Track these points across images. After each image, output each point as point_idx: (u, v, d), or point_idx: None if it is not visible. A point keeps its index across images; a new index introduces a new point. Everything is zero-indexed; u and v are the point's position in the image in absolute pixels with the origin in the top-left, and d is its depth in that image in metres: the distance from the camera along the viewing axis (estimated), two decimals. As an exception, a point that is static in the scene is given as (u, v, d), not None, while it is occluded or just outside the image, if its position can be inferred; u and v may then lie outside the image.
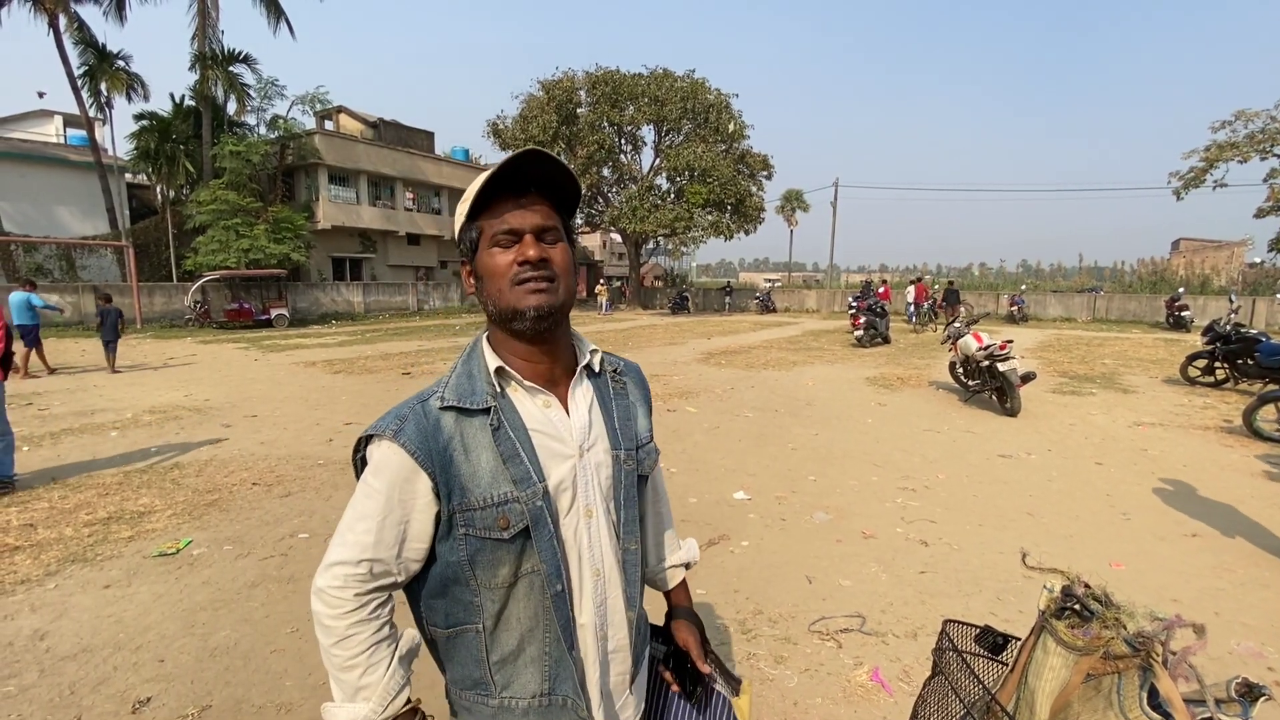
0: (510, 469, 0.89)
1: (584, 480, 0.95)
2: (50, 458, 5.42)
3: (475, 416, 0.91)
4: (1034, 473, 5.09)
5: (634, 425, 1.05)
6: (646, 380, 1.16)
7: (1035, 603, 3.02)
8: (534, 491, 0.90)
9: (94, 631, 2.79)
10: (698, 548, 1.26)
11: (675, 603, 1.21)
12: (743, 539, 3.79)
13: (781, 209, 50.51)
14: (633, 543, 1.02)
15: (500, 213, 0.91)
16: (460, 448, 0.90)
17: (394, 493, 0.88)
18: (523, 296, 0.90)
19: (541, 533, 0.90)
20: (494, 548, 0.90)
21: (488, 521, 0.89)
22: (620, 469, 1.00)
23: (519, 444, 0.91)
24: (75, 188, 21.59)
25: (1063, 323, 23.02)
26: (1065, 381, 9.42)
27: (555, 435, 0.95)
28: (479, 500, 0.89)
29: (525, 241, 0.90)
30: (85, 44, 20.70)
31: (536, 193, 0.92)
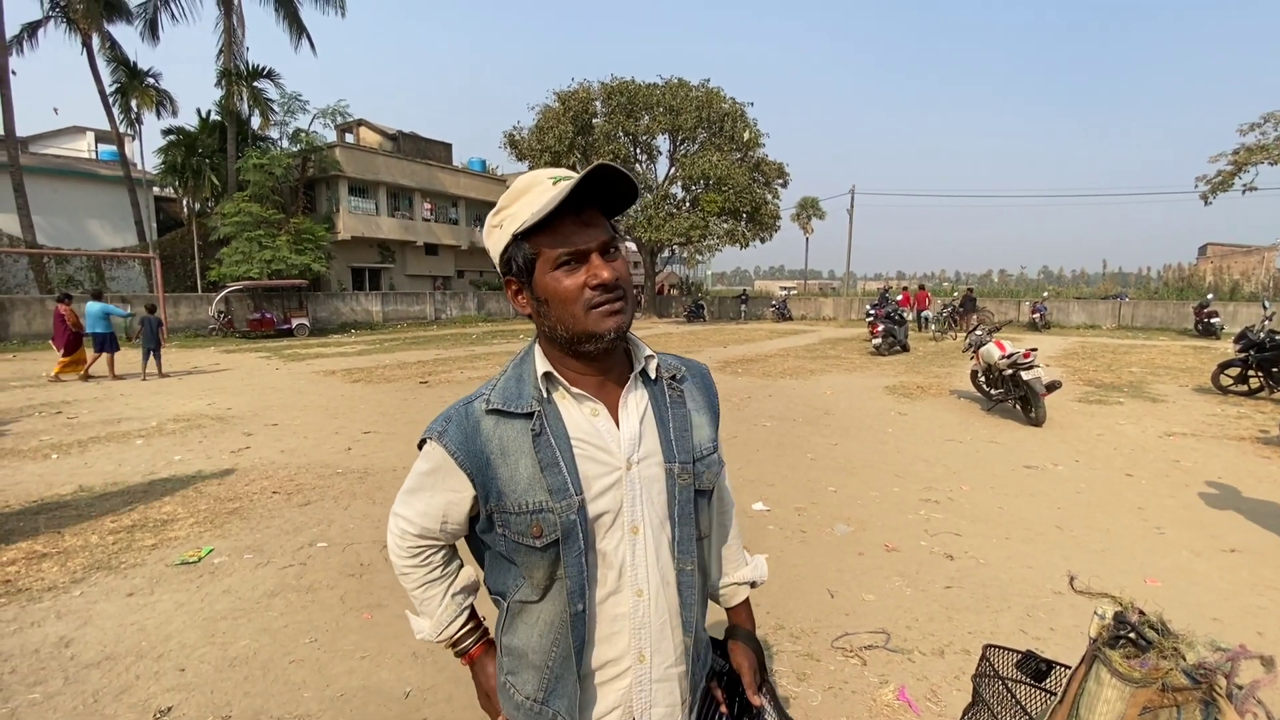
0: (547, 478, 0.88)
1: (631, 495, 0.91)
2: (78, 466, 5.51)
3: (518, 420, 0.90)
4: (1062, 484, 4.96)
5: (690, 436, 0.98)
6: (713, 383, 1.10)
7: (1067, 620, 2.93)
8: (569, 504, 0.87)
9: (117, 639, 2.81)
10: (766, 566, 1.19)
11: (735, 622, 1.16)
12: (762, 551, 3.72)
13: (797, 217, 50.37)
14: (688, 563, 0.96)
15: (561, 232, 0.85)
16: (499, 451, 0.90)
17: (436, 484, 0.94)
18: (600, 321, 0.87)
19: (571, 548, 0.88)
20: (527, 553, 0.90)
21: (521, 527, 0.89)
22: (674, 483, 0.94)
23: (559, 452, 0.89)
24: (106, 201, 22.15)
25: (1086, 330, 22.59)
26: (1091, 390, 9.22)
27: (601, 445, 0.91)
28: (515, 505, 0.89)
29: (594, 263, 0.86)
30: (118, 62, 21.32)
31: (594, 205, 0.88)
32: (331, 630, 2.91)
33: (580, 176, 0.81)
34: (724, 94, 27.43)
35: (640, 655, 0.93)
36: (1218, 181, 21.91)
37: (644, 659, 0.93)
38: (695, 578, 0.97)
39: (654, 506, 0.93)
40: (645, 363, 0.98)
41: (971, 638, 2.77)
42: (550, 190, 0.84)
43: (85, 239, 21.58)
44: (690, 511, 0.96)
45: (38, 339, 16.65)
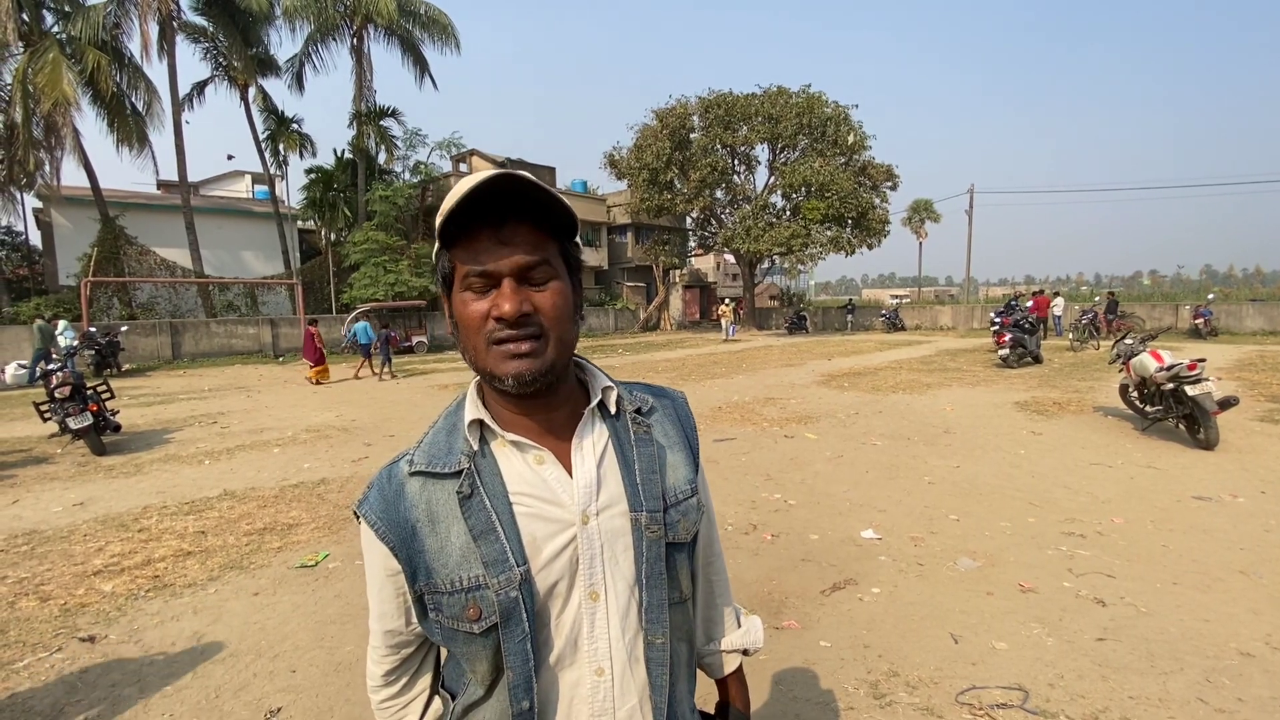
0: (482, 547, 0.73)
1: (588, 554, 0.76)
2: (225, 471, 6.12)
3: (447, 481, 0.76)
4: (1244, 520, 4.18)
5: (660, 478, 0.81)
6: (690, 413, 0.93)
7: (1261, 689, 2.40)
8: (509, 578, 0.72)
9: (241, 637, 3.01)
10: (761, 630, 0.99)
11: (724, 698, 0.98)
12: (873, 585, 3.40)
13: (909, 221, 47.69)
14: (659, 635, 0.79)
15: (473, 247, 0.72)
16: (427, 519, 0.75)
17: (375, 567, 0.80)
18: (500, 362, 0.73)
19: (513, 632, 0.73)
20: (467, 640, 0.75)
21: (455, 610, 0.74)
22: (642, 537, 0.78)
23: (496, 515, 0.74)
24: (258, 235, 25.05)
25: (1265, 337, 19.45)
26: (1277, 408, 7.83)
27: (549, 499, 0.76)
28: (446, 583, 0.74)
29: (503, 291, 0.71)
30: (269, 112, 24.12)
31: (522, 220, 0.72)
32: (428, 642, 2.95)
33: (473, 185, 0.68)
34: (826, 98, 26.57)
35: None
36: None
37: None
38: (668, 653, 0.79)
39: (618, 566, 0.77)
40: (603, 394, 0.82)
41: (1134, 704, 2.33)
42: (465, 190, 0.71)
43: (242, 268, 24.49)
44: (661, 570, 0.79)
45: (204, 357, 18.99)
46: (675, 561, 0.82)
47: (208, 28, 22.22)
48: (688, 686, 0.87)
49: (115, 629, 3.08)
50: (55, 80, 16.42)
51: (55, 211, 21.21)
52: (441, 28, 24.28)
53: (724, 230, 28.31)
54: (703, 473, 0.91)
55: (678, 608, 0.83)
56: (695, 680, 0.91)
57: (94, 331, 15.28)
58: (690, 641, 0.88)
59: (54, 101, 16.44)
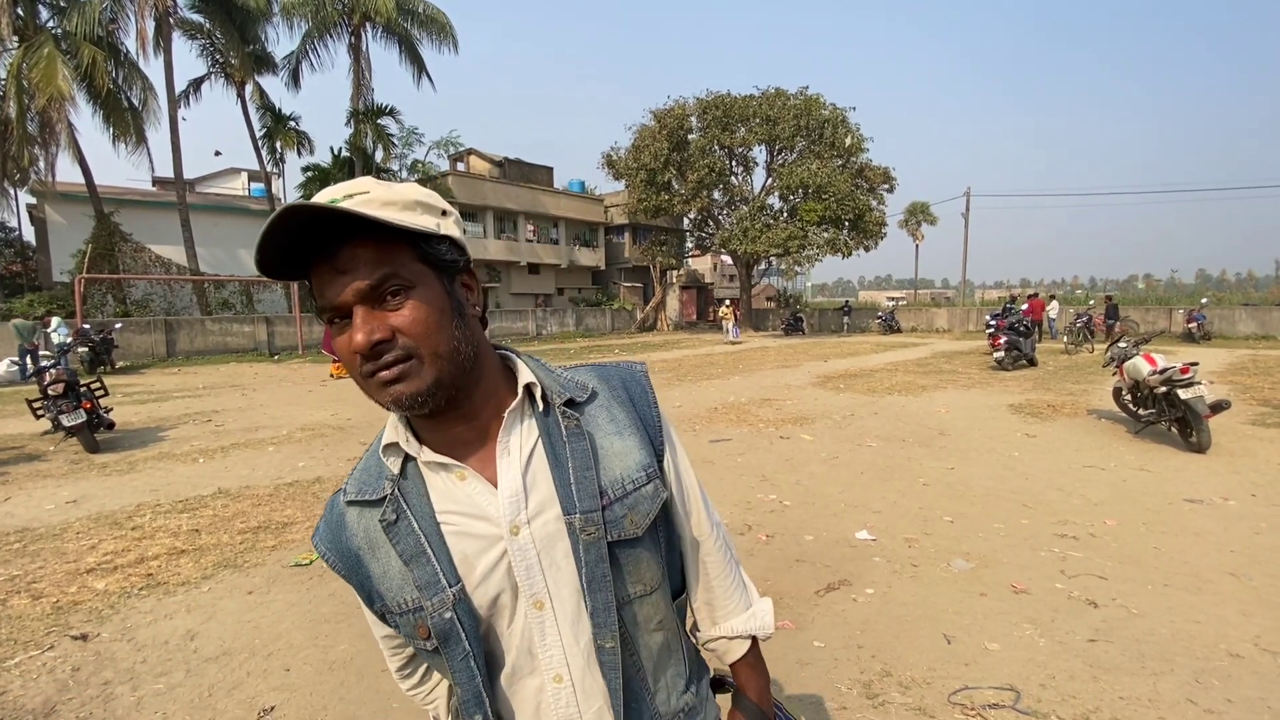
0: (414, 571, 0.73)
1: (524, 564, 0.74)
2: (219, 469, 6.10)
3: (376, 508, 0.76)
4: (1235, 523, 4.21)
5: (596, 473, 0.76)
6: (646, 387, 0.86)
7: (1250, 690, 2.42)
8: (442, 599, 0.72)
9: (235, 635, 3.01)
10: (771, 614, 0.93)
11: (737, 685, 0.93)
12: (867, 586, 3.41)
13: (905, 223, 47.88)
14: (608, 638, 0.76)
15: (318, 283, 0.68)
16: (368, 546, 0.76)
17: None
18: (379, 391, 0.69)
19: (454, 651, 0.73)
20: (428, 655, 0.79)
21: (408, 629, 0.76)
22: (577, 540, 0.75)
23: (424, 538, 0.73)
24: (255, 233, 24.31)
25: (1258, 341, 19.56)
26: (1269, 411, 7.89)
27: (476, 514, 0.74)
28: (394, 605, 0.76)
29: (354, 322, 0.67)
30: (266, 109, 24.05)
31: (355, 239, 0.66)
32: (422, 641, 2.95)
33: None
34: (823, 100, 26.67)
35: None
36: None
37: None
38: (619, 655, 0.77)
39: (560, 573, 0.75)
40: (527, 389, 0.78)
41: (1124, 704, 2.35)
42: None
43: (238, 266, 24.41)
44: (604, 572, 0.75)
45: (199, 355, 18.92)
46: (627, 558, 0.78)
47: (204, 24, 22.17)
48: (670, 675, 0.84)
49: (108, 627, 3.07)
50: (50, 76, 16.36)
51: (50, 208, 21.13)
52: (440, 26, 24.26)
53: (721, 231, 28.38)
54: (677, 451, 0.86)
55: (640, 602, 0.80)
56: (687, 664, 0.89)
57: (88, 328, 15.21)
58: (671, 628, 0.85)
59: (49, 97, 16.38)
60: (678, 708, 0.84)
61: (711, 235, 30.17)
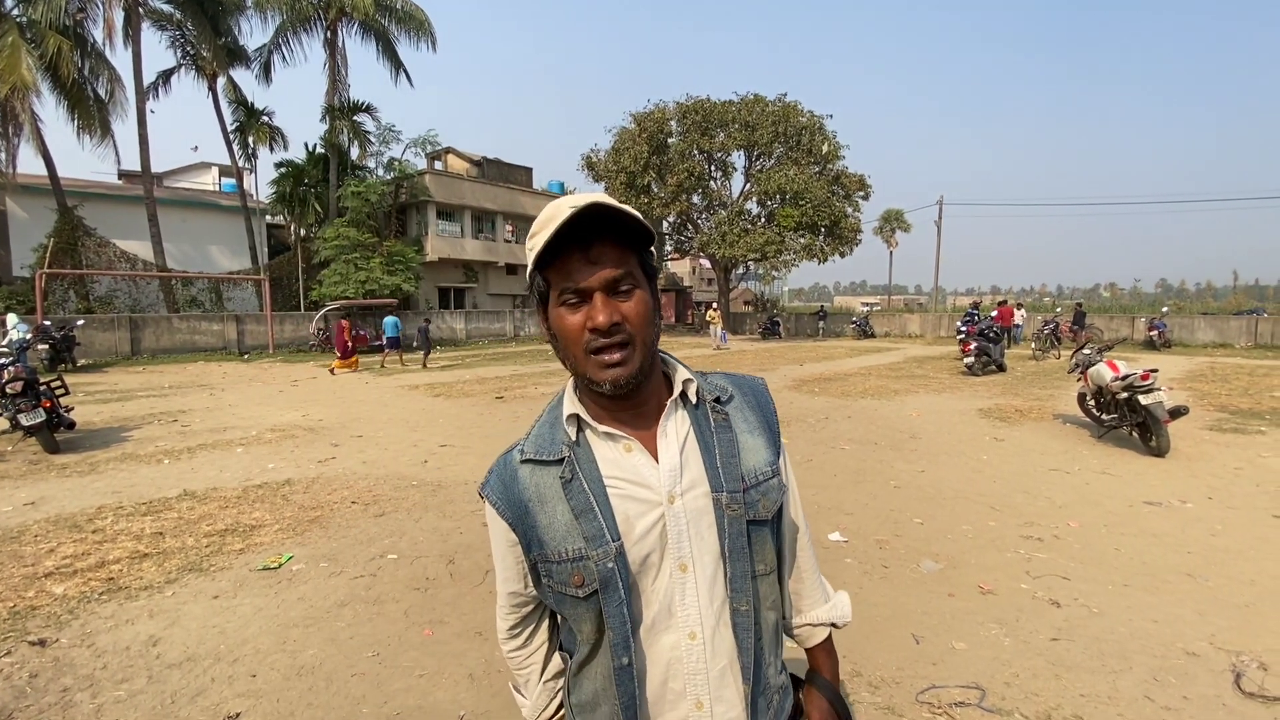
0: (583, 524, 0.84)
1: (675, 530, 0.85)
2: (185, 471, 5.95)
3: (551, 467, 0.88)
4: (1192, 525, 4.36)
5: (739, 461, 0.90)
6: (769, 399, 1.00)
7: (1204, 688, 2.50)
8: (605, 551, 0.83)
9: (200, 641, 2.94)
10: (849, 605, 1.07)
11: (813, 666, 1.05)
12: (839, 587, 3.43)
13: (880, 230, 48.63)
14: (743, 602, 0.88)
15: (565, 267, 0.82)
16: (537, 498, 0.88)
17: (497, 539, 0.93)
18: (598, 369, 0.83)
19: (611, 598, 0.84)
20: (573, 604, 0.87)
21: (564, 576, 0.86)
22: (723, 515, 0.87)
23: (593, 497, 0.85)
24: (225, 229, 24.40)
25: (1216, 349, 20.27)
26: (1225, 417, 8.18)
27: (639, 482, 0.86)
28: (555, 553, 0.86)
29: (595, 304, 0.81)
30: (238, 103, 23.55)
31: (605, 239, 0.82)
32: (394, 645, 2.92)
33: (566, 218, 0.77)
34: (801, 107, 26.99)
35: (698, 703, 0.86)
36: (1378, 181, 19.23)
37: (702, 706, 0.87)
38: (752, 619, 0.88)
39: (704, 542, 0.86)
40: (684, 386, 0.91)
41: (1084, 701, 2.42)
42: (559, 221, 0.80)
43: (207, 263, 23.83)
44: (743, 545, 0.88)
45: (165, 354, 18.43)
46: (757, 537, 0.90)
47: (175, 15, 21.63)
48: (775, 652, 0.95)
49: (67, 632, 2.98)
50: (14, 64, 15.81)
51: (10, 200, 20.35)
52: (418, 23, 24.00)
53: (700, 235, 28.51)
54: (785, 454, 0.98)
55: (763, 579, 0.91)
56: (782, 646, 0.99)
57: (48, 325, 14.72)
58: (778, 611, 0.97)
59: (12, 86, 15.81)
60: (779, 684, 0.96)
61: (690, 239, 30.31)
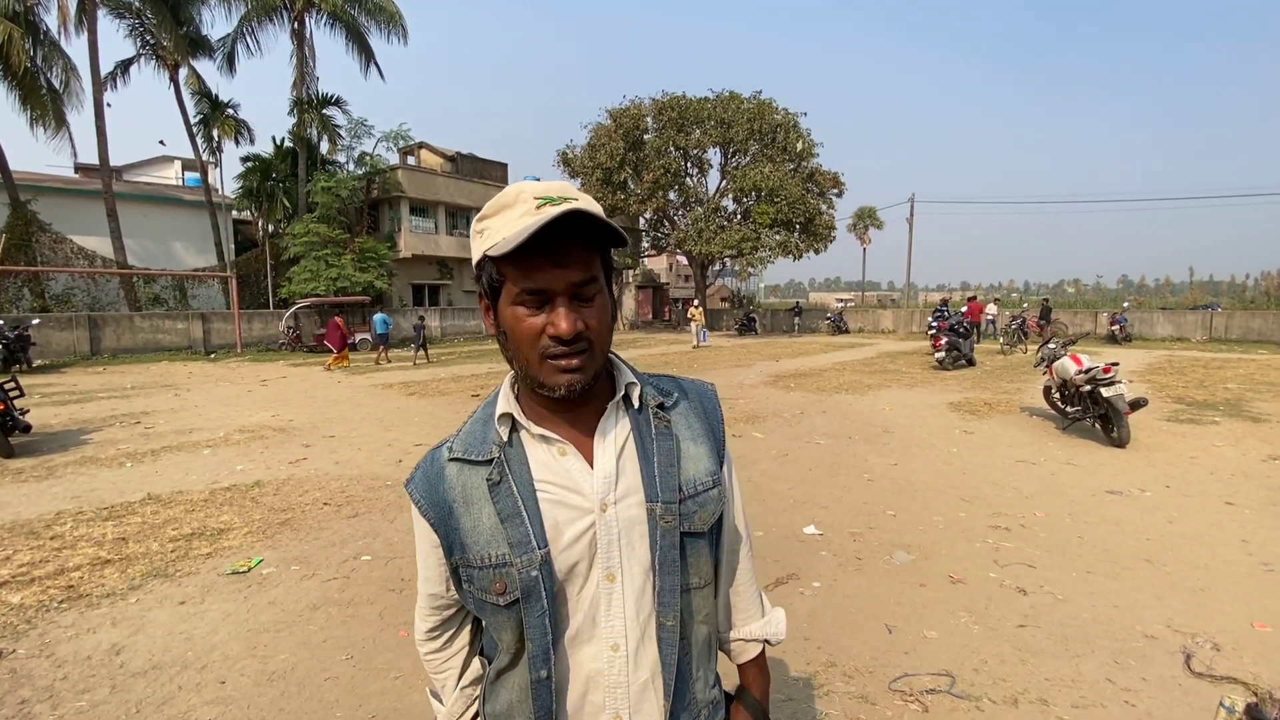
0: (508, 529, 0.80)
1: (606, 539, 0.81)
2: (149, 474, 5.78)
3: (480, 468, 0.83)
4: (1150, 512, 4.51)
5: (678, 471, 0.86)
6: (717, 405, 0.96)
7: (1162, 669, 2.59)
8: (530, 558, 0.79)
9: (165, 648, 2.86)
10: (784, 623, 1.02)
11: (742, 683, 1.01)
12: (814, 579, 3.51)
13: (854, 227, 49.28)
14: (670, 617, 0.84)
15: (528, 266, 0.75)
16: (462, 499, 0.83)
17: (421, 538, 0.89)
18: (553, 374, 0.78)
19: (533, 608, 0.80)
20: (494, 611, 0.83)
21: (485, 583, 0.81)
22: (656, 525, 0.83)
23: (521, 501, 0.80)
24: (189, 225, 23.70)
25: (1173, 343, 20.98)
26: (1182, 409, 8.48)
27: (572, 487, 0.82)
28: (477, 558, 0.82)
29: (558, 311, 0.76)
30: (201, 94, 22.90)
31: (573, 239, 0.75)
32: (368, 647, 2.88)
33: (544, 221, 0.70)
34: (776, 105, 27.17)
35: (616, 716, 0.83)
36: (1323, 180, 20.05)
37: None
38: (678, 634, 0.85)
39: (635, 552, 0.82)
40: (627, 389, 0.87)
41: (1049, 685, 2.49)
42: (528, 216, 0.74)
43: (171, 260, 23.14)
44: (675, 558, 0.84)
45: (126, 353, 17.88)
46: (691, 550, 0.86)
47: (133, 3, 20.94)
48: (706, 666, 0.91)
49: (25, 643, 2.88)
50: (-42, 52, 15.15)
51: (-43, 194, 19.53)
52: (389, 15, 23.59)
53: (677, 232, 28.56)
54: (730, 464, 0.95)
55: (695, 593, 0.88)
56: (716, 660, 0.96)
57: (1, 324, 14.17)
58: (712, 625, 0.93)
59: (-44, 74, 15.17)
60: (708, 699, 0.91)
61: (667, 235, 30.35)
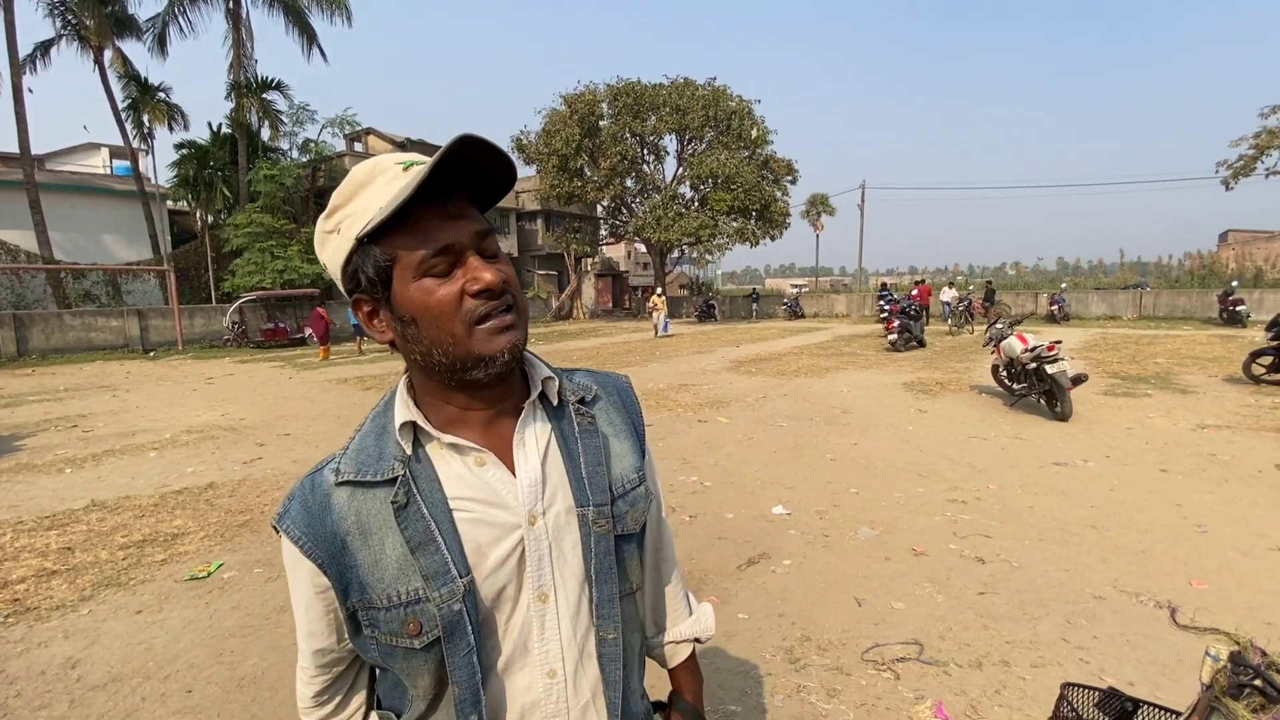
0: (420, 560, 0.68)
1: (536, 555, 0.72)
2: (91, 479, 5.49)
3: (379, 490, 0.70)
4: (1093, 481, 4.78)
5: (606, 470, 0.79)
6: (635, 398, 0.89)
7: (1110, 628, 2.76)
8: (451, 590, 0.68)
9: (124, 660, 2.75)
10: (712, 618, 0.97)
11: (675, 688, 0.95)
12: (784, 557, 3.60)
13: (807, 214, 50.08)
14: (611, 629, 0.76)
15: (422, 228, 0.66)
16: (358, 531, 0.69)
17: (302, 584, 0.73)
18: (488, 339, 0.68)
19: (457, 646, 0.68)
20: (406, 656, 0.70)
21: (394, 626, 0.69)
22: (590, 532, 0.75)
23: (435, 524, 0.69)
24: (120, 216, 22.40)
25: (1107, 321, 22.17)
26: (1117, 383, 8.98)
27: (494, 501, 0.72)
28: (382, 598, 0.69)
29: (471, 263, 0.67)
30: (129, 77, 21.58)
31: (460, 192, 0.68)
32: (342, 647, 2.82)
33: (443, 150, 0.62)
34: (730, 92, 27.29)
35: None
36: (1240, 166, 21.44)
37: None
38: (620, 647, 0.77)
39: (567, 565, 0.74)
40: (543, 385, 0.78)
41: (1010, 648, 2.63)
42: (401, 179, 0.66)
43: (101, 254, 21.85)
44: (611, 564, 0.76)
45: (56, 353, 16.85)
46: (625, 553, 0.80)
47: (49, -22, 19.51)
48: (639, 677, 0.85)
49: (-34, 662, 2.72)
50: None
51: None
52: (331, -4, 22.65)
53: (635, 219, 28.51)
54: (650, 459, 0.89)
55: (628, 600, 0.81)
56: (645, 670, 0.90)
57: (-89, 325, 13.16)
58: (641, 632, 0.88)
59: None
60: (641, 711, 0.85)
61: (625, 223, 30.25)
